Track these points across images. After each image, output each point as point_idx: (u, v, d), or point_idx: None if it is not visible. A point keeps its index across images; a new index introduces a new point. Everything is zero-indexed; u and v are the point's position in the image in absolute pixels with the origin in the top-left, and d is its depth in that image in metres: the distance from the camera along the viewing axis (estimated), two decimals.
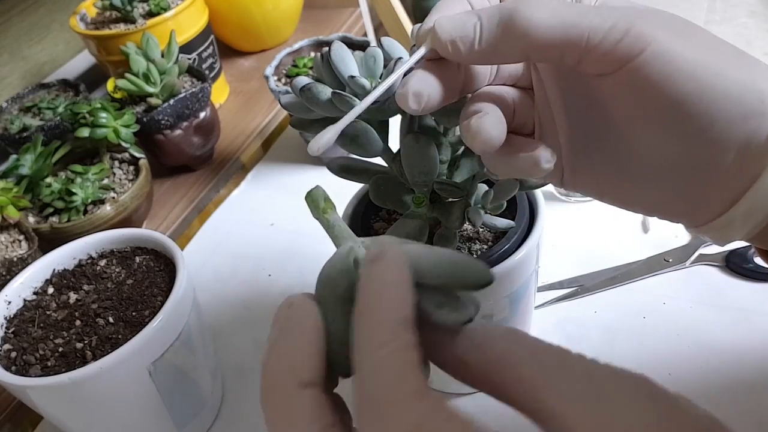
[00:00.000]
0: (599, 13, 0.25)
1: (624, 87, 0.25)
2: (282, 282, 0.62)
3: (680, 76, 0.24)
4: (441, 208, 0.38)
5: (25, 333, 0.44)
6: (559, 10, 0.25)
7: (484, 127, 0.26)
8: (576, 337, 0.50)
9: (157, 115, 0.69)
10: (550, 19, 0.25)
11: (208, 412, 0.50)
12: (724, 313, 0.50)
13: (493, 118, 0.27)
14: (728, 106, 0.24)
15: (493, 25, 0.26)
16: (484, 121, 0.27)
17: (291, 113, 0.37)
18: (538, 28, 0.25)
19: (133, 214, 0.65)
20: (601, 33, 0.24)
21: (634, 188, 0.29)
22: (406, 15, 0.81)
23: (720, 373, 0.46)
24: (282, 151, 0.81)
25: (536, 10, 0.25)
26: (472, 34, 0.26)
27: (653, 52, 0.24)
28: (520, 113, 0.31)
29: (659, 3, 0.84)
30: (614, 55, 0.25)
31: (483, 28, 0.26)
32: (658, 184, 0.28)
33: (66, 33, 0.93)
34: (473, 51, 0.26)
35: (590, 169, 0.30)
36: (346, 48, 0.34)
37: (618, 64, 0.25)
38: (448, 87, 0.28)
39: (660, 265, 0.54)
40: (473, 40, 0.26)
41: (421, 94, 0.27)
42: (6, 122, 0.74)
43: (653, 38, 0.24)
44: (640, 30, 0.24)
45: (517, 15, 0.25)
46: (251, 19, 0.94)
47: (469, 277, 0.22)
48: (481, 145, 0.27)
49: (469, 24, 0.26)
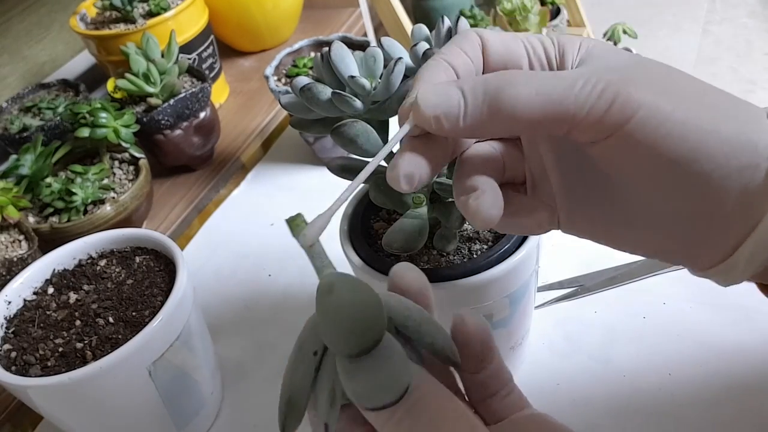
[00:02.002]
0: (585, 83, 0.24)
1: (616, 151, 0.25)
2: (282, 282, 0.62)
3: (671, 138, 0.24)
4: (441, 208, 0.38)
5: (25, 333, 0.44)
6: (543, 87, 0.24)
7: (484, 208, 0.27)
8: (576, 337, 0.50)
9: (157, 115, 0.69)
10: (535, 96, 0.24)
11: (208, 412, 0.50)
12: (724, 313, 0.50)
13: (491, 196, 0.27)
14: (722, 161, 0.24)
15: (478, 102, 0.25)
16: (482, 202, 0.27)
17: (291, 113, 0.37)
18: (523, 108, 0.24)
19: (133, 214, 0.65)
20: (588, 105, 0.24)
21: (634, 236, 0.29)
22: (406, 15, 0.81)
23: (720, 373, 0.46)
24: (282, 151, 0.81)
25: (521, 88, 0.24)
26: (456, 111, 0.25)
27: (642, 118, 0.24)
28: (510, 166, 0.30)
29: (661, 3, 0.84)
30: (603, 125, 0.24)
31: (467, 105, 0.25)
32: (657, 233, 0.27)
33: (66, 33, 0.93)
34: (457, 128, 0.26)
35: (587, 217, 0.30)
36: (346, 48, 0.34)
37: (607, 133, 0.25)
38: (436, 161, 0.27)
39: (660, 265, 0.54)
40: (458, 117, 0.25)
41: (412, 176, 0.26)
42: (6, 122, 0.74)
43: (641, 103, 0.24)
44: (627, 96, 0.24)
45: (501, 94, 0.25)
46: (251, 19, 0.94)
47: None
48: (481, 225, 0.27)
49: (453, 99, 0.25)
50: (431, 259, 0.40)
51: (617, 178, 0.27)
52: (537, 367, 0.49)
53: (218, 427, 0.50)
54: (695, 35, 0.86)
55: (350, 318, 0.20)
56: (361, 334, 0.20)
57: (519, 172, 0.31)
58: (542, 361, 0.49)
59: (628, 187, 0.27)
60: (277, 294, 0.60)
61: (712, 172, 0.24)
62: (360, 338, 0.20)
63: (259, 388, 0.52)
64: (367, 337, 0.20)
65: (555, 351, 0.49)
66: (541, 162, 0.30)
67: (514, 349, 0.46)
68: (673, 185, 0.25)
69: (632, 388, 0.46)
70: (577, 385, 0.47)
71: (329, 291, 0.20)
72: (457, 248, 0.40)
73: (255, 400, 0.52)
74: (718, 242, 0.26)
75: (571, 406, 0.46)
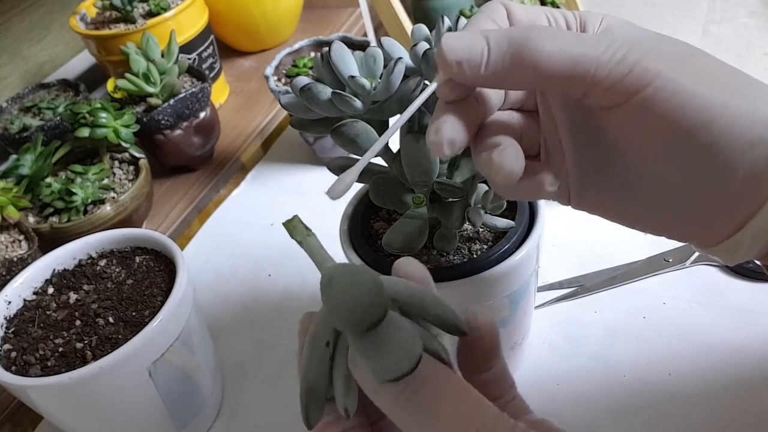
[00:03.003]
0: (607, 47, 0.25)
1: (630, 119, 0.26)
2: (282, 282, 0.62)
3: (686, 109, 0.24)
4: (441, 208, 0.38)
5: (25, 333, 0.44)
6: (568, 43, 0.25)
7: (507, 162, 0.27)
8: (576, 337, 0.50)
9: (157, 115, 0.69)
10: (559, 52, 0.25)
11: (208, 412, 0.50)
12: (724, 313, 0.50)
13: (513, 151, 0.27)
14: (734, 135, 0.24)
15: (502, 51, 0.26)
16: (505, 155, 0.27)
17: (291, 113, 0.37)
18: (547, 60, 0.25)
19: (133, 214, 0.65)
20: (609, 67, 0.25)
21: (642, 211, 0.29)
22: (406, 15, 0.81)
23: (720, 373, 0.46)
24: (282, 151, 0.81)
25: (546, 42, 0.25)
26: (478, 58, 0.26)
27: (659, 86, 0.24)
28: (526, 137, 0.31)
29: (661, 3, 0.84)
30: (620, 89, 0.25)
31: (491, 53, 0.26)
32: (666, 208, 0.28)
33: (66, 33, 0.93)
34: (478, 74, 0.26)
35: (597, 191, 0.30)
36: (346, 48, 0.34)
37: (624, 98, 0.25)
38: (471, 128, 0.28)
39: (660, 265, 0.54)
40: (479, 64, 0.26)
41: (454, 141, 0.27)
42: (6, 122, 0.74)
43: (659, 72, 0.24)
44: (647, 64, 0.24)
45: (527, 45, 0.25)
46: (251, 19, 0.94)
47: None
48: (503, 179, 0.27)
49: (477, 47, 0.26)
50: (431, 259, 0.40)
51: (629, 149, 0.27)
52: (537, 367, 0.49)
53: (218, 427, 0.50)
54: (695, 35, 0.86)
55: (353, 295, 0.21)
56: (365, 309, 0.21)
57: (533, 144, 0.31)
58: (542, 361, 0.49)
59: (638, 159, 0.27)
60: (277, 294, 0.60)
61: (723, 145, 0.24)
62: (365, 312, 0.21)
63: (259, 388, 0.52)
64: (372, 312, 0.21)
65: (555, 351, 0.49)
66: (556, 134, 0.30)
67: (514, 349, 0.46)
68: (684, 156, 0.25)
69: (632, 388, 0.46)
70: (577, 385, 0.47)
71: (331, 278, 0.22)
72: (457, 248, 0.40)
73: (255, 400, 0.52)
74: (724, 219, 0.27)
75: (571, 406, 0.46)
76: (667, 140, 0.25)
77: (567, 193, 0.31)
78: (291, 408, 0.50)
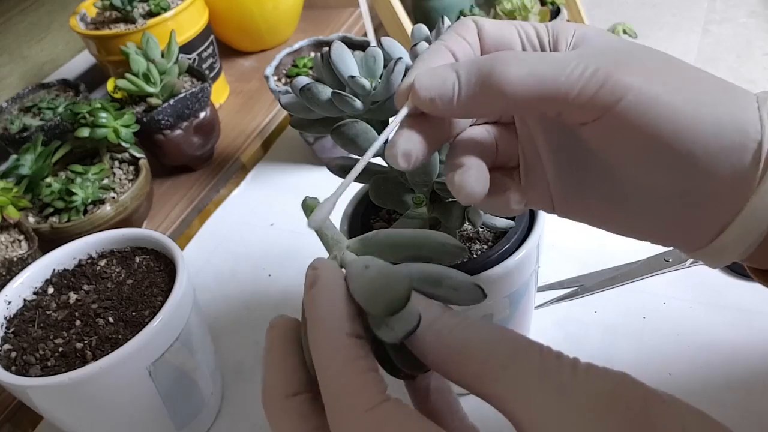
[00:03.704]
0: (576, 65, 0.25)
1: (606, 132, 0.26)
2: (282, 282, 0.62)
3: (660, 120, 0.24)
4: (441, 208, 0.38)
5: (25, 333, 0.44)
6: (535, 67, 0.25)
7: (468, 183, 0.27)
8: (576, 337, 0.50)
9: (157, 115, 0.69)
10: (526, 76, 0.25)
11: (208, 412, 0.50)
12: (724, 313, 0.50)
13: (476, 173, 0.28)
14: (710, 143, 0.24)
15: (471, 82, 0.26)
16: (465, 177, 0.28)
17: (291, 113, 0.37)
18: (515, 86, 0.25)
19: (133, 214, 0.65)
20: (578, 86, 0.25)
21: (626, 218, 0.29)
22: (406, 15, 0.81)
23: (720, 373, 0.46)
24: (282, 151, 0.81)
25: (513, 68, 0.25)
26: (450, 92, 0.26)
27: (631, 100, 0.24)
28: (504, 149, 0.31)
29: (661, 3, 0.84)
30: (592, 106, 0.25)
31: (461, 86, 0.26)
32: (649, 215, 0.28)
33: (66, 33, 0.93)
34: (452, 108, 0.26)
35: (580, 199, 0.30)
36: (346, 48, 0.34)
37: (596, 114, 0.25)
38: (433, 140, 0.28)
39: (660, 265, 0.54)
40: (452, 98, 0.26)
41: (409, 154, 0.27)
42: (6, 122, 0.74)
43: (630, 86, 0.24)
44: (617, 79, 0.24)
45: (493, 72, 0.25)
46: (251, 19, 0.94)
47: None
48: (464, 200, 0.28)
49: (448, 81, 0.26)
50: None
51: (608, 160, 0.27)
52: None
53: (218, 427, 0.50)
54: (695, 35, 0.86)
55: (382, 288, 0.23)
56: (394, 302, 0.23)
57: (513, 156, 0.31)
58: None
59: (619, 169, 0.27)
60: (277, 294, 0.60)
61: (700, 153, 0.24)
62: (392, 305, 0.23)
63: (259, 388, 0.52)
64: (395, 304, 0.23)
65: None
66: (535, 146, 0.30)
67: None
68: (662, 167, 0.25)
69: None
70: None
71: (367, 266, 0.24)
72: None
73: (255, 400, 0.52)
74: (706, 224, 0.27)
75: None
76: (643, 151, 0.25)
77: (550, 202, 0.31)
78: None
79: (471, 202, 0.28)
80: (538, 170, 0.31)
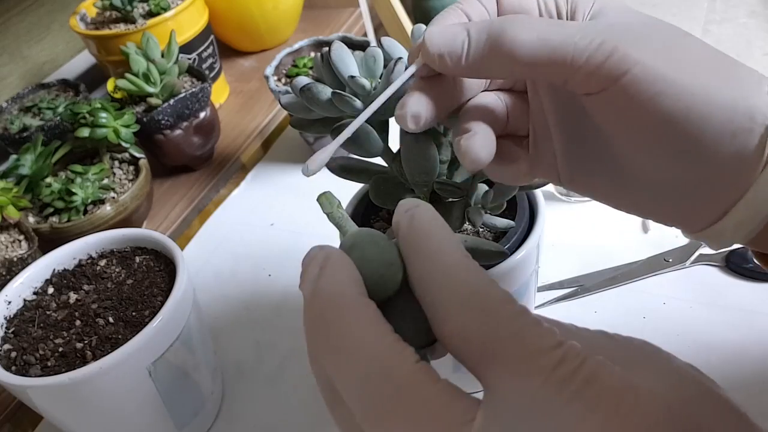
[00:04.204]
0: (585, 34, 0.25)
1: (611, 106, 0.26)
2: (282, 282, 0.62)
3: (665, 97, 0.24)
4: (441, 208, 0.38)
5: (25, 333, 0.44)
6: (545, 32, 0.25)
7: (473, 149, 0.28)
8: None
9: (157, 115, 0.69)
10: (535, 41, 0.25)
11: (208, 412, 0.50)
12: (724, 313, 0.50)
13: (482, 139, 0.28)
14: (715, 124, 0.24)
15: (481, 42, 0.26)
16: (471, 143, 0.28)
17: (291, 113, 0.37)
18: (523, 49, 0.25)
19: (133, 214, 0.65)
20: (585, 55, 0.25)
21: (629, 194, 0.29)
22: (406, 15, 0.81)
23: (720, 373, 0.46)
24: (282, 151, 0.81)
25: (522, 31, 0.25)
26: (459, 50, 0.26)
27: (637, 74, 0.24)
28: (515, 117, 0.31)
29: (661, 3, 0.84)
30: (598, 77, 0.25)
31: (471, 45, 0.26)
32: (652, 193, 0.28)
33: (66, 33, 0.93)
34: (460, 66, 0.27)
35: (586, 172, 0.30)
36: (346, 48, 0.34)
37: (602, 85, 0.25)
38: (442, 103, 0.28)
39: (660, 265, 0.54)
40: (461, 56, 0.26)
41: (419, 115, 0.28)
42: (6, 122, 0.74)
43: (637, 59, 0.24)
44: (625, 51, 0.24)
45: (503, 35, 0.25)
46: (251, 19, 0.94)
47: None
48: (470, 165, 0.28)
49: (458, 39, 0.26)
50: None
51: (613, 134, 0.27)
52: None
53: (218, 427, 0.50)
54: (695, 35, 0.86)
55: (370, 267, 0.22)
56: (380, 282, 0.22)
57: (524, 125, 0.32)
58: None
59: (622, 146, 0.27)
60: (277, 294, 0.60)
61: (704, 134, 0.24)
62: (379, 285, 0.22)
63: (259, 388, 0.52)
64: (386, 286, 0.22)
65: None
66: (544, 116, 0.30)
67: None
68: (666, 145, 0.25)
69: None
70: None
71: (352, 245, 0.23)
72: None
73: (255, 400, 0.52)
74: (709, 206, 0.27)
75: None
76: (647, 128, 0.25)
77: (556, 173, 0.31)
78: (291, 408, 0.50)
79: (475, 168, 0.28)
80: (547, 142, 0.31)
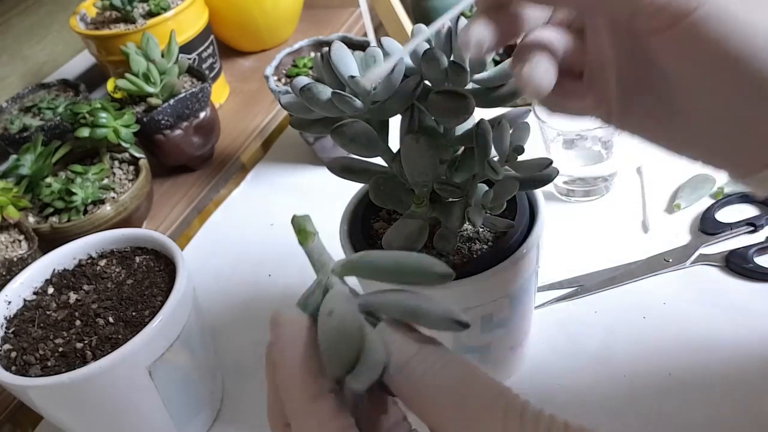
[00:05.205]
0: None
1: (677, 44, 0.25)
2: (282, 282, 0.62)
3: (733, 36, 0.24)
4: (441, 208, 0.38)
5: (25, 333, 0.44)
6: None
7: (536, 75, 0.28)
8: (576, 337, 0.50)
9: (157, 115, 0.69)
10: None
11: (208, 412, 0.50)
12: (724, 313, 0.50)
13: (543, 66, 0.28)
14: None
15: None
16: (534, 69, 0.28)
17: (291, 113, 0.37)
18: None
19: (133, 214, 0.65)
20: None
21: (681, 135, 0.29)
22: (406, 15, 0.81)
23: (720, 373, 0.46)
24: (282, 151, 0.81)
25: None
26: None
27: (707, 11, 0.24)
28: (571, 54, 0.31)
29: None
30: (667, 12, 0.24)
31: None
32: (705, 133, 0.28)
33: (66, 33, 0.93)
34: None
35: (639, 112, 0.30)
36: (346, 48, 0.34)
37: (669, 22, 0.25)
38: (505, 32, 0.29)
39: (660, 265, 0.54)
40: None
41: (482, 42, 0.28)
42: (6, 122, 0.74)
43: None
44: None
45: None
46: (251, 19, 0.94)
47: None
48: (531, 93, 0.28)
49: None
50: None
51: (674, 74, 0.27)
52: (537, 367, 0.49)
53: (218, 427, 0.50)
54: None
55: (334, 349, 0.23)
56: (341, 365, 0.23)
57: (579, 62, 0.31)
58: (543, 361, 0.49)
59: (683, 85, 0.27)
60: (277, 294, 0.60)
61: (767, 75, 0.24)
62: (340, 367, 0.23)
63: (259, 388, 0.52)
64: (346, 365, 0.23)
65: (555, 351, 0.49)
66: (602, 53, 0.30)
67: (514, 349, 0.46)
68: (727, 85, 0.25)
69: (632, 388, 0.46)
70: (578, 386, 0.47)
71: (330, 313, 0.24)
72: (456, 248, 0.40)
73: (255, 400, 0.52)
74: (762, 150, 0.27)
75: (572, 406, 0.46)
76: (710, 67, 0.25)
77: (609, 112, 0.31)
78: None
79: (538, 96, 0.28)
80: (602, 80, 0.31)
